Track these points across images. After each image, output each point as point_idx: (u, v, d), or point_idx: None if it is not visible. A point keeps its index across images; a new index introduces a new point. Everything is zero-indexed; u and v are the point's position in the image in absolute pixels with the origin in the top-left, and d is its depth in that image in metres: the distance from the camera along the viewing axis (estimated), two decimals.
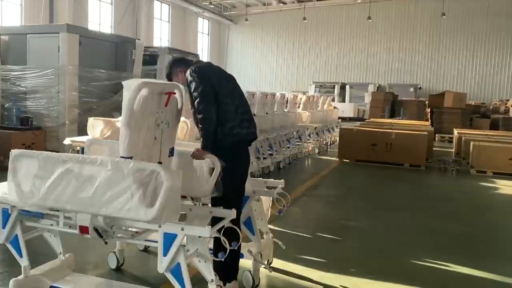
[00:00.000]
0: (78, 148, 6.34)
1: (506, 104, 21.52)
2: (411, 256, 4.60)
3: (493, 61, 27.61)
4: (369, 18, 26.88)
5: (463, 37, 27.96)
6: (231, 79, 3.62)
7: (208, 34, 31.99)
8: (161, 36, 26.01)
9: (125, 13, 22.33)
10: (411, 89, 26.68)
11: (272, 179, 4.07)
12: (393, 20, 29.28)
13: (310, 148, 11.70)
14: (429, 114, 18.35)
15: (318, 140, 12.45)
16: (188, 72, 3.39)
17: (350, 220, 6.01)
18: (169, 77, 3.61)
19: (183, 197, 3.26)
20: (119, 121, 3.54)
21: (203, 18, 30.60)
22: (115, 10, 21.98)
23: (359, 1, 26.12)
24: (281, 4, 28.43)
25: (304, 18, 28.93)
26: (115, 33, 18.98)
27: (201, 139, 3.29)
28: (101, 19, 21.24)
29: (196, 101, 3.28)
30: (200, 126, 3.27)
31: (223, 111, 3.34)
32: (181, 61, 3.70)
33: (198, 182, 3.23)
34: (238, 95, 3.55)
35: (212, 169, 3.19)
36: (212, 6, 28.41)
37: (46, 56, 8.83)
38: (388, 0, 28.60)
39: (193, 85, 3.33)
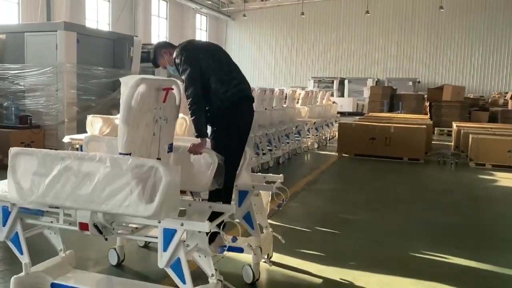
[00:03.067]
0: (77, 146, 6.36)
1: (505, 97, 21.52)
2: (411, 248, 4.62)
3: (492, 54, 27.60)
4: (367, 12, 26.84)
5: (461, 31, 27.95)
6: (220, 51, 3.77)
7: (206, 30, 31.94)
8: (159, 33, 25.97)
9: (123, 10, 22.29)
10: (410, 83, 26.68)
11: (271, 174, 4.09)
12: (391, 14, 29.25)
13: (309, 143, 11.72)
14: (428, 107, 18.36)
15: (317, 135, 12.46)
16: (175, 54, 3.54)
17: (349, 213, 6.03)
18: (155, 62, 3.74)
19: (183, 192, 3.28)
20: (118, 118, 3.55)
21: (201, 14, 30.55)
22: (113, 7, 21.95)
23: None
24: (279, 0, 28.37)
25: (302, 13, 28.88)
26: (112, 30, 18.94)
27: (194, 127, 3.40)
28: (98, 16, 21.21)
29: (184, 85, 3.39)
30: (190, 112, 3.39)
31: (213, 81, 3.47)
32: (164, 44, 3.83)
33: (197, 176, 3.25)
34: (226, 62, 3.69)
35: (210, 163, 3.21)
36: (210, 2, 28.38)
37: (44, 54, 8.83)
38: None
39: (180, 68, 3.47)
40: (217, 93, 3.48)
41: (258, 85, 9.56)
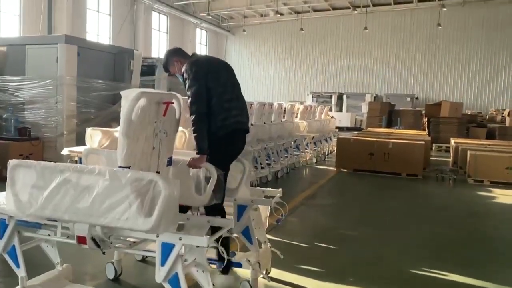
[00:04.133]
0: (76, 158, 6.34)
1: (503, 113, 21.61)
2: (410, 265, 4.60)
3: (489, 71, 27.81)
4: (366, 28, 27.07)
5: (459, 48, 28.19)
6: (227, 70, 3.84)
7: (206, 45, 32.14)
8: (159, 46, 26.12)
9: (124, 24, 22.46)
10: (408, 99, 26.83)
11: (270, 189, 4.08)
12: (390, 31, 29.52)
13: (307, 158, 11.72)
14: (426, 123, 18.41)
15: (315, 149, 12.46)
16: (184, 68, 3.60)
17: (348, 229, 6.01)
18: (166, 68, 3.81)
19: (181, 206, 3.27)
20: (117, 131, 3.55)
21: (201, 29, 30.77)
22: (114, 21, 22.10)
23: (356, 11, 26.33)
24: (278, 15, 28.63)
25: (301, 29, 29.14)
26: (113, 44, 19.05)
27: (195, 142, 3.43)
28: (99, 30, 21.35)
29: (189, 100, 3.47)
30: (193, 128, 3.45)
31: (215, 103, 3.53)
32: (177, 51, 3.85)
33: (195, 190, 3.24)
34: (231, 85, 3.77)
35: (209, 178, 3.20)
36: (210, 17, 28.60)
37: (45, 66, 8.86)
38: (384, 11, 28.84)
39: (187, 83, 3.54)
40: (216, 118, 3.54)
41: (257, 99, 9.58)
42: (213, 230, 3.12)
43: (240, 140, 3.79)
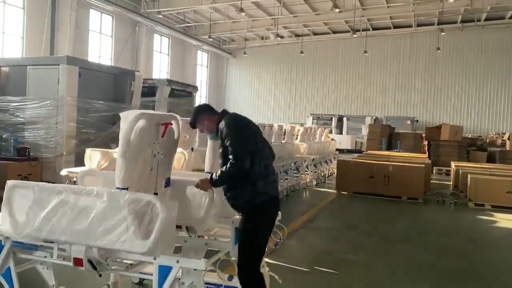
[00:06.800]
0: (74, 179, 6.31)
1: (503, 137, 21.63)
2: None
3: (489, 94, 27.97)
4: (366, 52, 27.32)
5: (458, 71, 28.41)
6: (259, 131, 3.59)
7: (207, 67, 32.40)
8: (160, 68, 26.33)
9: (125, 46, 22.68)
10: (408, 122, 26.89)
11: None
12: (389, 54, 29.80)
13: (307, 180, 11.68)
14: (426, 146, 18.41)
15: (315, 171, 12.43)
16: (223, 123, 3.33)
17: (348, 253, 5.94)
18: (193, 125, 3.56)
19: (179, 227, 3.23)
20: (116, 152, 3.54)
21: (202, 51, 31.06)
22: (115, 42, 22.32)
23: (356, 35, 26.62)
24: (279, 38, 28.93)
25: (302, 52, 29.42)
26: (115, 65, 19.20)
27: (218, 175, 3.22)
28: (101, 51, 21.54)
29: (232, 155, 3.20)
30: (227, 173, 3.20)
31: (255, 165, 3.29)
32: (207, 108, 3.60)
33: (193, 210, 3.21)
34: (268, 147, 3.56)
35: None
36: (211, 39, 28.90)
37: (46, 87, 8.89)
38: (384, 35, 29.16)
39: (227, 138, 3.26)
40: (255, 184, 3.30)
41: (257, 121, 9.58)
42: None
43: (277, 208, 3.54)
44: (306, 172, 11.64)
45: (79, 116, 8.94)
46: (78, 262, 2.76)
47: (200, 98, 29.68)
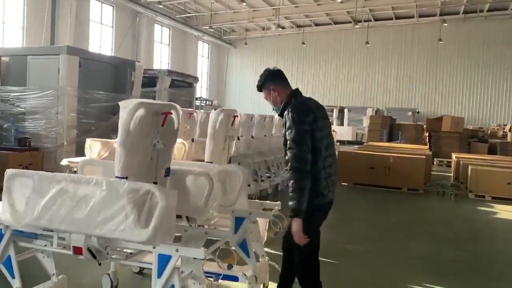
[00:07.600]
0: (75, 169, 6.32)
1: (504, 129, 21.59)
2: (410, 281, 4.55)
3: (490, 86, 27.85)
4: (367, 43, 27.19)
5: (460, 62, 28.28)
6: (326, 116, 3.24)
7: (208, 57, 32.30)
8: (161, 58, 26.25)
9: (126, 36, 22.59)
10: (409, 113, 26.83)
11: (268, 201, 4.05)
12: (391, 45, 29.65)
13: None
14: (427, 138, 18.39)
15: None
16: (290, 108, 3.09)
17: (348, 244, 5.96)
18: (260, 88, 3.38)
19: (179, 217, 3.23)
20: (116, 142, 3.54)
21: (203, 41, 30.95)
22: (116, 32, 22.24)
23: (357, 26, 26.46)
24: (280, 29, 28.80)
25: (303, 43, 29.30)
26: (115, 55, 19.14)
27: (290, 202, 2.95)
28: (101, 41, 21.47)
29: (290, 150, 2.98)
30: (293, 184, 2.93)
31: (318, 164, 3.01)
32: (278, 76, 3.36)
33: (193, 200, 3.21)
34: (332, 141, 3.21)
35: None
36: (212, 30, 28.77)
37: (46, 77, 8.88)
38: (386, 26, 28.99)
39: (290, 127, 3.00)
40: (318, 183, 3.05)
41: (258, 112, 9.58)
42: None
43: (329, 210, 3.35)
44: None
45: (80, 106, 8.94)
46: (77, 250, 2.76)
47: (201, 89, 29.61)
